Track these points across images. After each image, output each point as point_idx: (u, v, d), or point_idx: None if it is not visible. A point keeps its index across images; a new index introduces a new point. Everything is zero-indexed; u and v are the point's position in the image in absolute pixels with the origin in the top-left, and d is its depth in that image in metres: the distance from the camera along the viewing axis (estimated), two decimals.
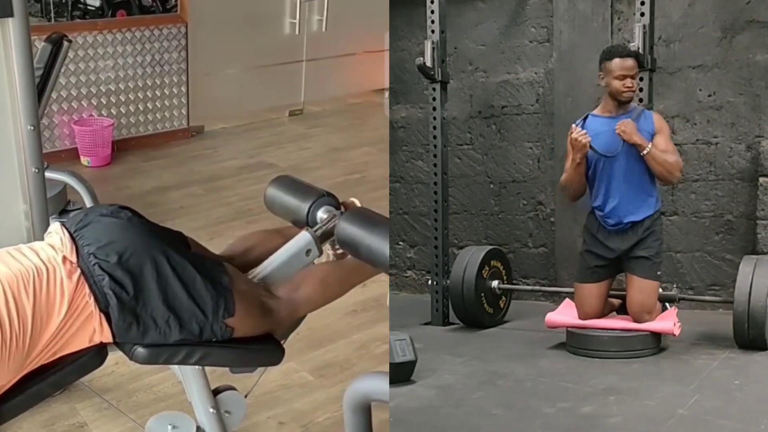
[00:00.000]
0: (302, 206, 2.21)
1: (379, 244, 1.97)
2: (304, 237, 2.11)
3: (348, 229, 2.04)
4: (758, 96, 3.98)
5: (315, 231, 2.13)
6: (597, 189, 3.44)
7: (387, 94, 5.71)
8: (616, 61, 3.35)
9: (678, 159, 3.40)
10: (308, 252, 2.10)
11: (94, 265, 1.76)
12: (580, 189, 3.48)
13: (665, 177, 3.38)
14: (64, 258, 1.77)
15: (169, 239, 1.92)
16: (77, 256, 1.78)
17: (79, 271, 1.76)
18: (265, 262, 2.11)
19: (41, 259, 1.76)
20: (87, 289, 1.74)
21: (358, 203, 2.32)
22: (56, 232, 1.86)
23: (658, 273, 3.39)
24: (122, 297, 1.75)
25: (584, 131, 3.34)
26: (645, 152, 3.30)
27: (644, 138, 3.32)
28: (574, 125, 3.46)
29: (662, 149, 3.34)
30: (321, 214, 2.18)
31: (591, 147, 3.33)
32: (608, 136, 3.36)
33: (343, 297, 3.53)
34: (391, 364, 2.94)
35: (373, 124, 6.62)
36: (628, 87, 3.36)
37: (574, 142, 3.34)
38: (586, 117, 3.50)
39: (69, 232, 1.84)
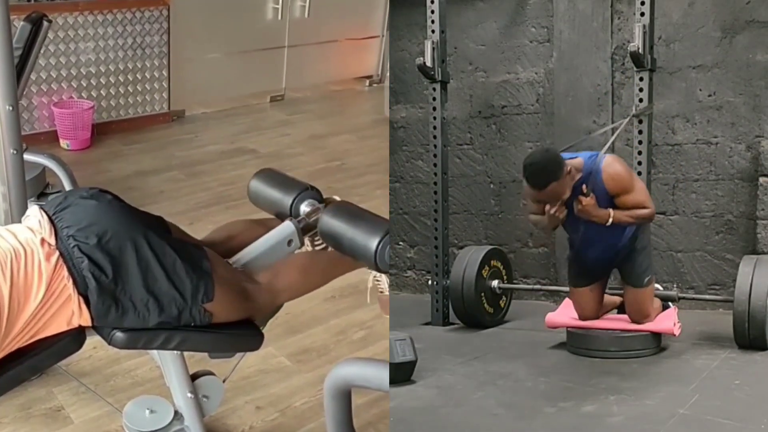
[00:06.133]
0: (286, 199, 2.25)
1: (361, 237, 2.00)
2: (287, 227, 2.15)
3: (330, 222, 2.08)
4: (758, 96, 3.98)
5: (299, 222, 2.17)
6: (570, 236, 3.39)
7: (387, 93, 5.71)
8: (526, 186, 3.11)
9: (645, 213, 3.18)
10: (290, 242, 2.14)
11: (73, 247, 1.74)
12: (552, 231, 3.48)
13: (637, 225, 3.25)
14: (43, 240, 1.75)
15: (150, 223, 1.91)
16: (56, 239, 1.76)
17: (57, 253, 1.74)
18: (247, 249, 2.12)
19: (19, 242, 1.74)
20: (65, 272, 1.73)
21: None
22: (34, 214, 1.84)
23: (647, 279, 3.33)
24: (101, 280, 1.73)
25: (563, 208, 3.11)
26: (608, 224, 3.15)
27: (602, 210, 3.12)
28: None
29: (629, 206, 3.15)
30: (304, 208, 2.22)
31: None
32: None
33: None
34: (391, 364, 2.93)
35: (353, 111, 6.63)
36: (552, 211, 3.09)
37: (552, 220, 3.14)
38: None
39: (48, 214, 1.82)
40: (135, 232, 1.80)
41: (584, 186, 3.11)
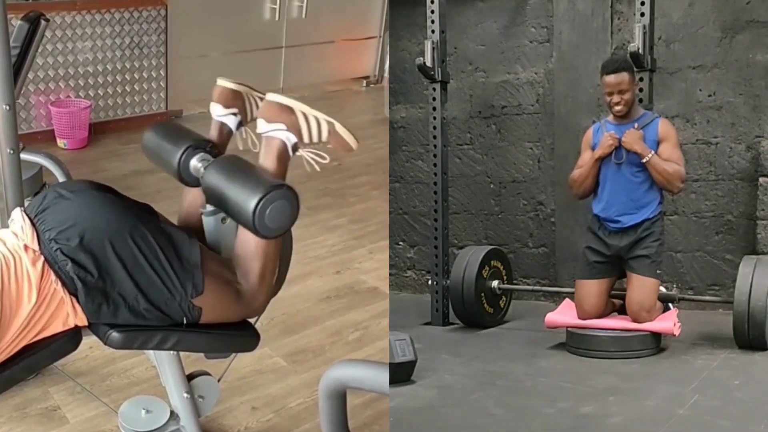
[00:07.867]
0: (174, 152, 1.96)
1: (239, 196, 1.75)
2: (207, 222, 1.97)
3: (212, 179, 1.83)
4: (758, 96, 3.98)
5: (207, 209, 1.95)
6: (601, 192, 3.49)
7: (387, 94, 5.71)
8: (604, 78, 3.43)
9: (679, 168, 3.39)
10: (224, 220, 1.95)
11: (56, 250, 1.73)
12: (590, 187, 3.52)
13: (664, 186, 3.40)
14: (26, 246, 1.75)
15: (136, 213, 1.87)
16: (39, 243, 1.76)
17: (42, 258, 1.73)
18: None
19: (8, 249, 1.74)
20: (53, 276, 1.72)
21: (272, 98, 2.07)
22: (18, 218, 1.83)
23: (658, 272, 3.40)
24: (87, 280, 1.72)
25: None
26: (645, 160, 3.34)
27: (647, 146, 3.36)
28: (592, 128, 3.59)
29: (665, 158, 3.37)
30: (195, 163, 1.96)
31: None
32: None
33: (318, 284, 3.62)
34: (391, 364, 2.93)
35: (351, 112, 6.62)
36: (614, 103, 3.42)
37: (605, 140, 3.42)
38: (600, 121, 3.59)
39: (29, 217, 1.81)
40: (117, 226, 1.78)
41: (636, 125, 3.41)
